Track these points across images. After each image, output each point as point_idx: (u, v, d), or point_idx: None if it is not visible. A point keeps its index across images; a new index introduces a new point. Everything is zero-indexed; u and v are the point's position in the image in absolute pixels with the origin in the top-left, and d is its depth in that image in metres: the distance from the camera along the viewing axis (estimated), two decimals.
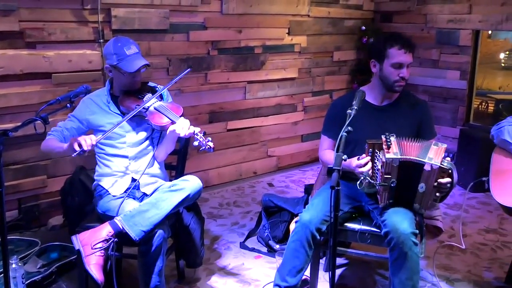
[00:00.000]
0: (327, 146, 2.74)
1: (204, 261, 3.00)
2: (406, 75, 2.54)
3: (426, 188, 2.28)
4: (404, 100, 2.67)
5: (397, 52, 2.51)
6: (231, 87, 4.42)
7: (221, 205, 4.11)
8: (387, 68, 2.55)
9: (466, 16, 4.68)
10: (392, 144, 2.28)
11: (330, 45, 5.08)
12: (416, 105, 2.68)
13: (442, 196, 2.32)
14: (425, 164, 2.24)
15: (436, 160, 2.23)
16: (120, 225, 2.32)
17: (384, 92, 2.63)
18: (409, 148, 2.32)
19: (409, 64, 2.55)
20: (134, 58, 2.50)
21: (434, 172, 2.23)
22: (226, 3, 4.19)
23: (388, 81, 2.57)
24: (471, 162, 4.33)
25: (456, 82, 4.87)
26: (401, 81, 2.55)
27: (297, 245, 2.47)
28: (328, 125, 2.75)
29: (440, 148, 2.28)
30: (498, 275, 3.05)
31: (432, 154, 2.25)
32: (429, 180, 2.26)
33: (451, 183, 2.27)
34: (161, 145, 2.64)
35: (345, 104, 2.54)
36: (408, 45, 2.53)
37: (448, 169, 2.24)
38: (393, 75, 2.54)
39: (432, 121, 2.71)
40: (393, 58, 2.52)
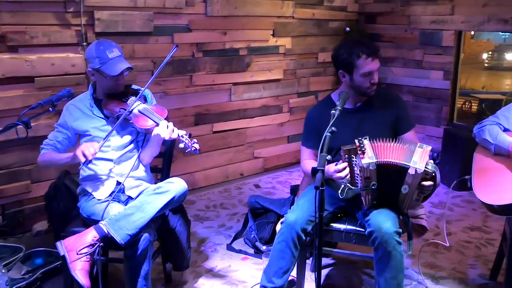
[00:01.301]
0: (308, 156, 2.74)
1: (191, 264, 2.99)
2: (376, 80, 2.56)
3: (409, 190, 2.30)
4: (376, 98, 2.67)
5: (365, 61, 2.50)
6: (217, 89, 4.42)
7: (207, 207, 4.10)
8: (358, 78, 2.54)
9: (449, 17, 4.74)
10: (366, 148, 2.29)
11: (315, 46, 5.10)
12: (389, 100, 2.69)
13: (425, 196, 2.35)
14: (410, 168, 2.26)
15: (420, 164, 2.24)
16: (105, 229, 2.30)
17: (356, 96, 2.64)
18: (385, 149, 2.32)
19: (378, 69, 2.56)
20: (117, 61, 2.49)
21: (418, 176, 2.25)
22: (210, 5, 4.19)
23: (361, 89, 2.58)
24: (455, 161, 4.38)
25: (440, 82, 4.92)
26: (373, 86, 2.57)
27: (283, 246, 2.47)
28: (306, 136, 2.76)
29: (425, 150, 2.28)
30: (482, 272, 3.09)
31: (417, 157, 2.26)
32: (413, 182, 2.27)
33: (434, 185, 2.29)
34: (146, 148, 2.63)
35: (319, 112, 2.57)
36: (373, 51, 2.52)
37: (432, 172, 2.26)
38: (365, 83, 2.55)
39: (408, 113, 2.71)
40: (362, 68, 2.51)
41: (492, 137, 2.63)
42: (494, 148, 2.62)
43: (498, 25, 4.44)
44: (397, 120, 2.64)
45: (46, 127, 3.34)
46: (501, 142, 2.59)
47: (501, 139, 2.59)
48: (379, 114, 2.65)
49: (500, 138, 2.60)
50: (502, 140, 2.59)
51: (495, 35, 13.85)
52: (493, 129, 2.65)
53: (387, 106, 2.66)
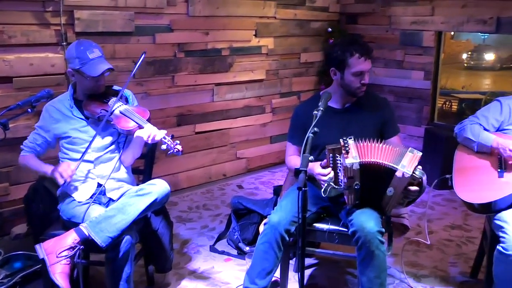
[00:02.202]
0: (293, 152, 2.76)
1: (173, 266, 2.97)
2: (367, 81, 2.58)
3: (394, 193, 2.31)
4: (365, 101, 2.70)
5: (358, 61, 2.53)
6: (199, 90, 4.40)
7: (190, 208, 4.08)
8: (349, 77, 2.56)
9: (429, 17, 4.79)
10: (350, 148, 2.30)
11: (297, 46, 5.11)
12: (378, 104, 2.72)
13: (409, 201, 2.37)
14: (397, 171, 2.26)
15: (408, 169, 2.25)
16: (86, 232, 2.27)
17: (345, 96, 2.66)
18: (373, 150, 2.33)
19: (369, 70, 2.58)
20: (98, 62, 2.46)
21: (405, 180, 2.26)
22: (192, 5, 4.17)
23: (350, 88, 2.59)
24: (436, 160, 4.43)
25: (420, 82, 4.97)
26: (363, 87, 2.58)
27: (266, 247, 2.47)
28: (292, 132, 2.77)
29: (415, 155, 2.29)
30: (463, 269, 3.13)
31: (406, 161, 2.27)
32: (399, 185, 2.28)
33: (420, 191, 2.31)
34: (128, 150, 2.60)
35: (307, 109, 2.57)
36: (367, 52, 2.55)
37: (419, 178, 2.27)
38: (355, 82, 2.57)
39: (395, 118, 2.75)
40: (353, 67, 2.53)
41: (474, 136, 2.66)
42: (477, 146, 2.65)
43: (477, 26, 4.50)
44: (383, 124, 2.66)
45: (25, 128, 3.28)
46: (484, 139, 2.62)
47: (484, 137, 2.63)
48: (366, 116, 2.66)
49: (483, 136, 2.63)
50: (485, 137, 2.62)
51: (475, 36, 14.05)
52: (475, 128, 2.68)
53: (375, 110, 2.68)
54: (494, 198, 2.51)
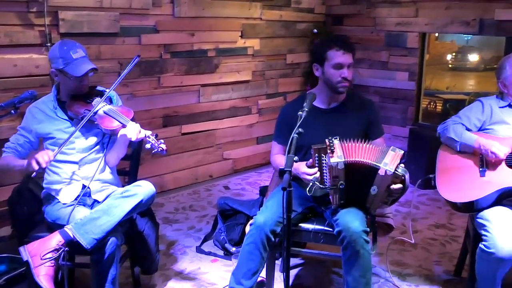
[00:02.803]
0: (278, 151, 2.78)
1: (160, 267, 2.96)
2: (348, 76, 2.60)
3: (378, 191, 2.33)
4: (351, 101, 2.73)
5: (336, 53, 2.58)
6: (185, 91, 4.40)
7: (176, 209, 4.07)
8: (329, 70, 2.61)
9: (413, 19, 4.84)
10: (335, 148, 2.32)
11: (283, 48, 5.13)
12: (363, 105, 2.75)
13: (393, 199, 2.39)
14: (380, 169, 2.29)
15: (391, 166, 2.27)
16: (70, 233, 2.26)
17: (330, 94, 2.68)
18: (357, 149, 2.36)
19: (349, 64, 2.60)
20: (81, 62, 2.44)
21: (388, 178, 2.28)
22: (178, 6, 4.16)
23: (331, 83, 2.62)
24: (420, 160, 4.48)
25: (405, 83, 5.02)
26: (344, 82, 2.61)
27: (251, 247, 2.47)
28: (278, 132, 2.79)
29: (397, 154, 2.31)
30: (447, 268, 3.17)
31: (388, 159, 2.30)
32: (382, 184, 2.31)
33: (403, 189, 2.33)
34: (112, 150, 2.59)
35: (293, 109, 2.58)
36: (346, 46, 2.59)
37: (402, 175, 2.30)
38: (335, 76, 2.60)
39: (380, 120, 2.78)
40: (332, 60, 2.58)
41: (457, 136, 2.69)
42: (460, 146, 2.69)
43: (460, 28, 4.56)
44: (368, 125, 2.69)
45: (9, 130, 3.25)
46: (467, 139, 2.65)
47: (466, 137, 2.66)
48: (352, 117, 2.69)
49: (466, 136, 2.67)
50: (468, 138, 2.66)
51: (459, 37, 14.22)
52: (458, 128, 2.72)
53: (361, 111, 2.71)
54: (476, 197, 2.55)
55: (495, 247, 2.35)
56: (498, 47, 6.67)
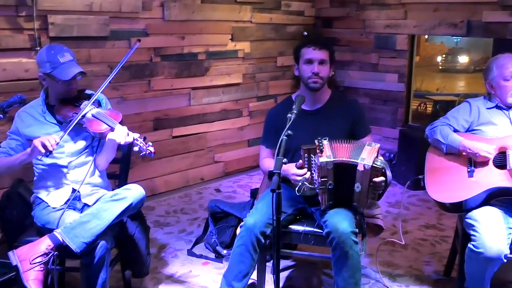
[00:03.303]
0: (266, 155, 2.79)
1: (151, 270, 2.96)
2: (317, 70, 2.62)
3: (362, 188, 2.35)
4: (335, 102, 2.76)
5: (307, 49, 2.65)
6: (176, 94, 4.40)
7: (168, 213, 4.07)
8: (302, 67, 2.68)
9: (402, 21, 4.88)
10: (324, 148, 2.34)
11: (273, 50, 5.15)
12: (348, 105, 2.77)
13: (379, 193, 2.41)
14: (358, 165, 2.32)
15: (368, 161, 2.30)
16: (60, 237, 2.25)
17: (309, 94, 2.70)
18: (342, 149, 2.39)
19: (321, 60, 2.63)
20: (69, 66, 2.44)
21: (368, 172, 2.31)
22: (168, 9, 4.17)
23: (304, 79, 2.68)
24: (411, 161, 4.50)
25: (395, 85, 5.05)
26: (314, 77, 2.64)
27: (242, 249, 2.48)
28: (265, 136, 2.82)
29: (373, 148, 2.36)
30: (437, 268, 3.19)
31: (365, 154, 2.33)
32: (364, 179, 2.33)
33: (385, 181, 2.35)
34: (101, 153, 2.59)
35: (279, 112, 2.61)
36: (317, 42, 2.65)
37: (381, 168, 2.32)
38: (306, 72, 2.66)
39: (365, 119, 2.81)
40: (304, 56, 2.66)
41: (443, 138, 2.72)
42: (446, 147, 2.71)
43: (448, 29, 4.60)
44: (354, 125, 2.71)
45: None
46: (452, 142, 2.68)
47: (452, 139, 2.69)
48: (337, 118, 2.71)
49: (451, 138, 2.69)
50: (453, 140, 2.68)
51: (448, 39, 14.37)
52: (444, 130, 2.74)
53: (346, 111, 2.73)
54: (465, 197, 2.57)
55: (483, 247, 2.37)
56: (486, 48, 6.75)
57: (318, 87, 2.67)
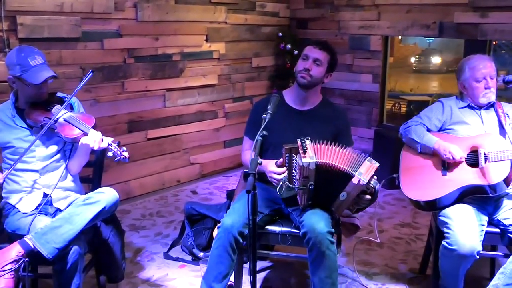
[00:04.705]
0: (249, 147, 2.79)
1: (126, 275, 2.92)
2: (309, 67, 2.65)
3: (346, 198, 2.35)
4: (324, 107, 2.78)
5: (309, 47, 2.72)
6: (150, 95, 4.35)
7: (143, 216, 4.01)
8: (298, 62, 2.73)
9: (376, 22, 4.93)
10: (307, 148, 2.34)
11: (248, 51, 5.14)
12: (336, 113, 2.79)
13: (358, 208, 2.42)
14: (354, 177, 2.30)
15: (365, 177, 2.28)
16: (31, 243, 2.20)
17: (300, 92, 2.71)
18: (330, 152, 2.36)
19: (316, 59, 2.66)
20: (40, 69, 2.38)
21: (360, 187, 2.30)
22: (141, 10, 4.12)
23: (295, 73, 2.71)
24: (385, 160, 4.50)
25: (369, 85, 5.10)
26: (304, 72, 2.66)
27: (220, 250, 2.46)
28: (249, 127, 2.81)
29: (373, 166, 2.31)
30: (412, 266, 3.22)
31: (363, 169, 2.30)
32: (353, 192, 2.32)
33: (371, 200, 2.36)
34: (74, 158, 2.54)
35: (266, 106, 2.60)
36: (320, 43, 2.71)
37: (373, 187, 2.32)
38: (299, 66, 2.70)
39: (349, 132, 2.83)
40: (304, 52, 2.72)
41: (418, 137, 2.75)
42: (421, 147, 2.75)
43: (421, 30, 4.66)
44: (338, 134, 2.71)
45: None
46: (427, 141, 2.71)
47: (427, 139, 2.72)
48: (323, 123, 2.72)
49: (427, 138, 2.73)
50: (428, 140, 2.72)
51: (421, 40, 14.60)
52: (419, 129, 2.78)
53: (332, 119, 2.75)
54: (438, 195, 2.61)
55: (457, 244, 2.40)
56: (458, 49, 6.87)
57: (305, 83, 2.68)
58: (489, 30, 4.24)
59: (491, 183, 2.52)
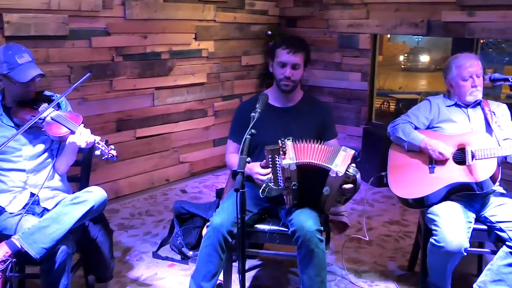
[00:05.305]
0: (233, 150, 2.77)
1: (115, 274, 2.90)
2: (289, 74, 2.62)
3: (330, 192, 2.36)
4: (307, 103, 2.78)
5: (282, 52, 2.63)
6: (139, 94, 4.33)
7: (132, 215, 4.00)
8: (275, 67, 2.68)
9: (364, 21, 4.94)
10: (287, 149, 2.34)
11: (237, 50, 5.14)
12: (319, 107, 2.79)
13: (346, 198, 2.43)
14: (331, 170, 2.32)
15: (341, 167, 2.30)
16: (18, 244, 2.17)
17: (279, 91, 2.71)
18: (309, 151, 2.38)
19: (294, 64, 2.63)
20: (27, 67, 2.36)
21: (339, 178, 2.31)
22: (129, 8, 4.10)
23: (276, 80, 2.69)
24: (374, 158, 4.57)
25: (358, 84, 5.12)
26: (286, 81, 2.65)
27: (210, 249, 2.46)
28: (234, 130, 2.80)
29: (348, 154, 2.34)
30: (401, 263, 3.24)
31: (339, 160, 2.33)
32: (334, 184, 2.34)
33: (354, 188, 2.37)
34: (61, 157, 2.52)
35: (250, 108, 2.59)
36: (293, 46, 2.63)
37: (353, 175, 2.33)
38: (278, 74, 2.66)
39: (333, 123, 2.83)
40: (278, 57, 2.65)
41: (405, 135, 2.76)
42: (407, 145, 2.76)
43: (409, 29, 4.69)
44: (322, 127, 2.73)
45: None
46: (414, 139, 2.73)
47: (413, 137, 2.74)
48: (307, 118, 2.72)
49: (413, 135, 2.74)
50: (415, 137, 2.73)
51: (409, 38, 14.71)
52: (406, 127, 2.79)
53: (316, 113, 2.75)
54: (426, 193, 2.63)
55: (444, 241, 2.42)
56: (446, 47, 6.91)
57: (289, 89, 2.69)
58: (476, 29, 4.28)
59: (478, 181, 2.55)
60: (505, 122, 2.75)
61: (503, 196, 2.67)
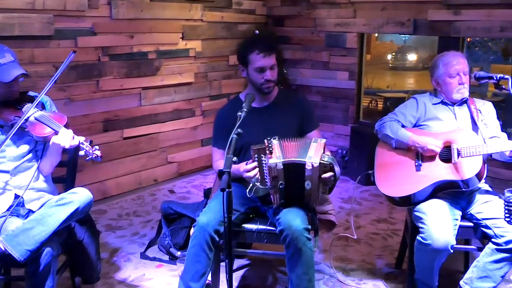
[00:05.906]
0: (220, 157, 2.75)
1: (102, 276, 2.88)
2: (270, 77, 2.63)
3: (312, 185, 2.37)
4: (283, 98, 2.78)
5: (257, 57, 2.60)
6: (126, 94, 4.30)
7: (120, 216, 3.97)
8: (252, 73, 2.64)
9: (351, 20, 4.96)
10: (274, 148, 2.34)
11: (225, 49, 5.12)
12: (295, 100, 2.80)
13: (329, 187, 2.43)
14: (306, 163, 2.33)
15: (315, 158, 2.32)
16: (1, 246, 2.14)
17: (259, 94, 2.70)
18: (291, 148, 2.39)
19: (272, 66, 2.63)
20: (10, 67, 2.33)
21: (316, 169, 2.32)
22: (115, 7, 4.07)
23: (256, 84, 2.66)
24: (362, 157, 4.59)
25: (346, 83, 5.13)
26: (267, 83, 2.64)
27: (197, 249, 2.45)
28: (216, 137, 2.79)
29: (319, 144, 2.37)
30: (389, 261, 3.26)
31: (312, 152, 2.34)
32: (313, 177, 2.35)
33: (334, 176, 2.38)
34: (46, 158, 2.49)
35: (228, 112, 2.61)
36: (266, 48, 2.61)
37: (329, 163, 2.34)
38: (258, 78, 2.64)
39: (313, 113, 2.84)
40: (254, 63, 2.61)
41: (393, 133, 2.77)
42: (395, 142, 2.77)
43: (395, 28, 4.71)
44: (302, 120, 2.73)
45: None
46: (402, 137, 2.74)
47: (401, 134, 2.75)
48: (285, 114, 2.72)
49: (401, 133, 2.75)
50: (403, 135, 2.74)
51: (397, 37, 14.78)
52: (393, 125, 2.80)
53: (294, 107, 2.75)
54: (413, 191, 2.64)
55: (431, 239, 2.43)
56: (433, 46, 6.97)
57: (272, 90, 2.69)
58: (462, 27, 4.31)
59: (464, 178, 2.56)
60: (491, 120, 2.77)
61: (489, 193, 2.69)
